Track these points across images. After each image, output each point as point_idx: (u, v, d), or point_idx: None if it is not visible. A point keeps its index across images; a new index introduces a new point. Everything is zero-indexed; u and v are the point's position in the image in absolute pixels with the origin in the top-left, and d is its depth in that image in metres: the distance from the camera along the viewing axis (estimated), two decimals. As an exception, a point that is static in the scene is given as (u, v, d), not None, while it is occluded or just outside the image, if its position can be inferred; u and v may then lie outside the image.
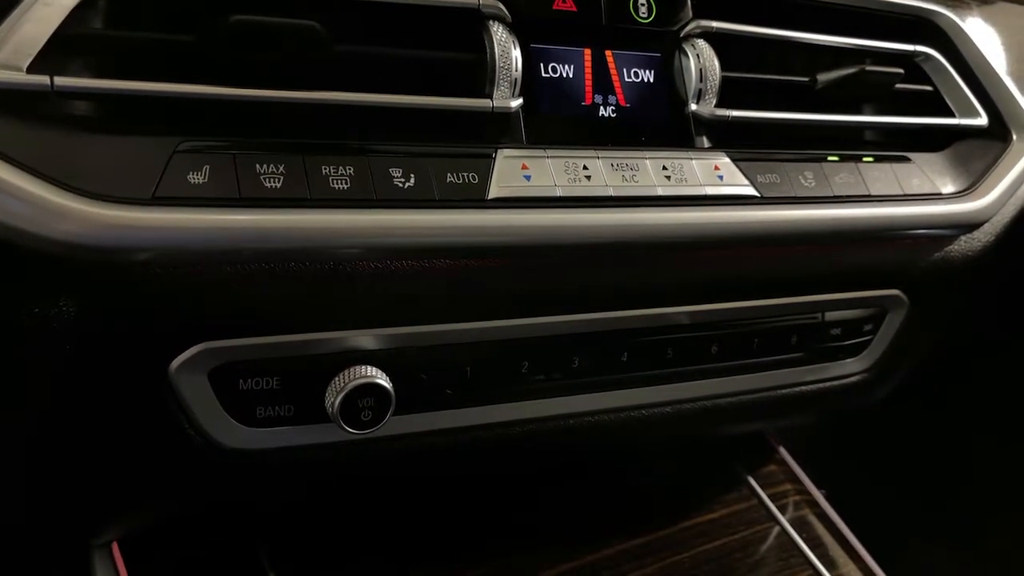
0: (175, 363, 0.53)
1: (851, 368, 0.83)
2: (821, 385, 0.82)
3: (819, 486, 1.01)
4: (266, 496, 0.68)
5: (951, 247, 0.81)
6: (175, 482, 0.60)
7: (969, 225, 0.80)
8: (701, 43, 0.69)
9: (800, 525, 0.95)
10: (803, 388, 0.81)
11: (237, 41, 0.52)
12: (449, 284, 0.58)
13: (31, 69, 0.47)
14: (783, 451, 1.03)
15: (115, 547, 0.67)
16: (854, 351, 0.83)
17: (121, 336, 0.51)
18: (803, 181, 0.71)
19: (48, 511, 0.61)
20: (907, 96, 0.82)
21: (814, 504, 0.98)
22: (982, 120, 0.83)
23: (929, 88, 0.83)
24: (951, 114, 0.83)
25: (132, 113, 0.51)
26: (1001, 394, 1.20)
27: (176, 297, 0.51)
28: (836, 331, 0.80)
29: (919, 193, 0.77)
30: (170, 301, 0.51)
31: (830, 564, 0.92)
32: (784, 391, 0.80)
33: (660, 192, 0.64)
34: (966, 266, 0.83)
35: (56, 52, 0.48)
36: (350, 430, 0.57)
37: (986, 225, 0.82)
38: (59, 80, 0.47)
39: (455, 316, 0.61)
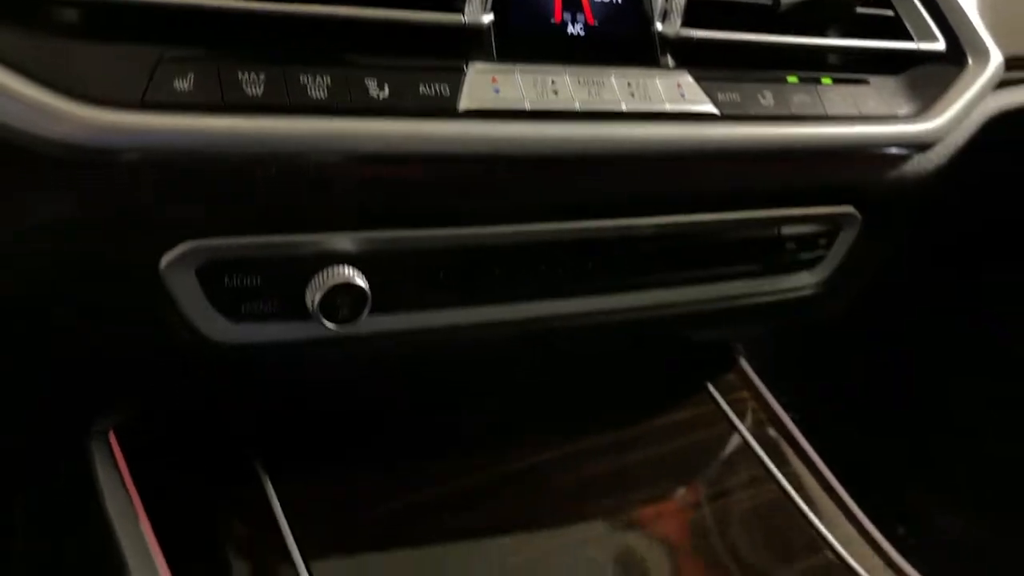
0: (165, 259, 0.57)
1: (805, 280, 0.88)
2: (777, 296, 0.87)
3: (777, 396, 1.07)
4: (254, 390, 0.73)
5: (904, 167, 0.85)
6: (166, 371, 0.64)
7: (921, 145, 0.84)
8: None
9: (755, 429, 1.02)
10: (760, 299, 0.86)
11: None
12: (421, 191, 0.62)
13: None
14: (744, 362, 1.09)
15: (112, 436, 0.72)
16: (809, 264, 0.87)
17: (113, 233, 0.55)
18: (762, 100, 0.75)
19: (51, 399, 0.65)
20: (869, 20, 0.84)
21: (769, 410, 1.04)
22: (939, 45, 0.86)
23: (890, 13, 0.86)
24: (910, 38, 0.86)
25: (120, 22, 0.54)
26: (952, 321, 1.27)
27: (164, 197, 0.54)
28: (792, 245, 0.84)
29: (875, 114, 0.81)
30: (158, 200, 0.54)
31: (781, 462, 0.98)
32: (742, 301, 0.85)
33: (624, 108, 0.67)
34: (918, 186, 0.87)
35: None
36: (329, 324, 0.62)
37: (938, 146, 0.86)
38: None
39: (428, 222, 0.65)
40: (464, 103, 0.61)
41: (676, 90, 0.71)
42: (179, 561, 0.71)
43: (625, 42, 0.71)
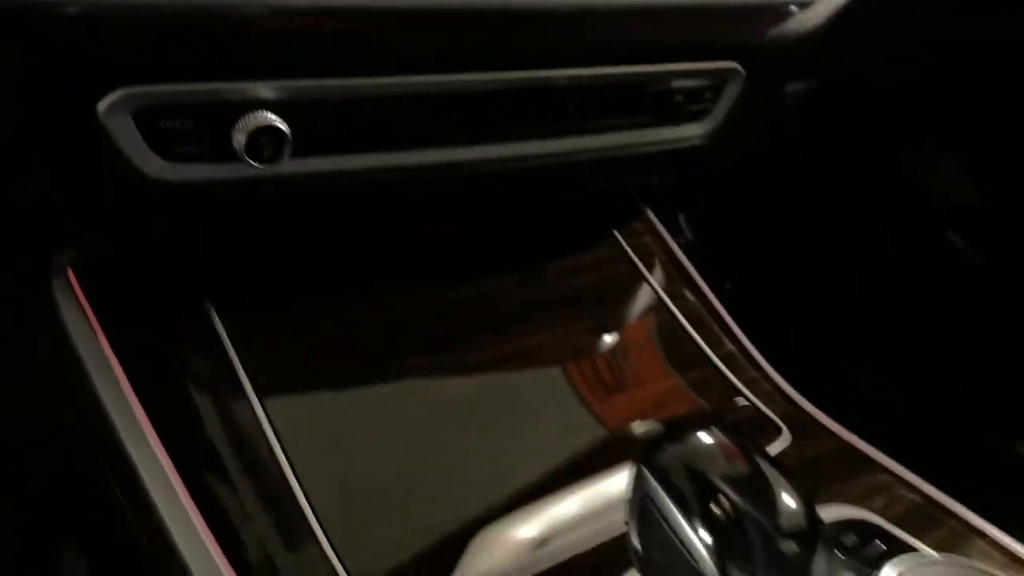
0: (102, 104, 0.64)
1: (694, 131, 0.98)
2: (669, 146, 0.97)
3: (679, 241, 1.18)
4: (194, 226, 0.82)
5: (785, 24, 0.94)
6: (112, 206, 0.73)
7: (801, 1, 0.92)
8: None
9: (655, 268, 1.13)
10: (653, 148, 0.96)
11: None
12: (327, 42, 0.70)
13: None
14: (650, 213, 1.19)
15: (69, 272, 0.81)
16: (697, 116, 0.97)
17: (54, 80, 0.62)
18: None
19: (7, 234, 0.74)
20: None
21: (670, 253, 1.16)
22: (819, -92, 0.93)
23: None
24: (792, -98, 0.93)
25: None
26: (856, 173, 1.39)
27: (96, 46, 0.62)
28: (680, 98, 0.93)
29: None
30: (91, 49, 0.62)
31: (676, 296, 1.11)
32: (637, 150, 0.95)
33: None
34: (800, 43, 0.96)
35: None
36: (254, 164, 0.70)
37: (818, 5, 0.95)
38: None
39: (338, 72, 0.73)
40: (376, -40, 0.68)
41: (564, -46, 0.78)
42: (139, 381, 0.81)
43: None
